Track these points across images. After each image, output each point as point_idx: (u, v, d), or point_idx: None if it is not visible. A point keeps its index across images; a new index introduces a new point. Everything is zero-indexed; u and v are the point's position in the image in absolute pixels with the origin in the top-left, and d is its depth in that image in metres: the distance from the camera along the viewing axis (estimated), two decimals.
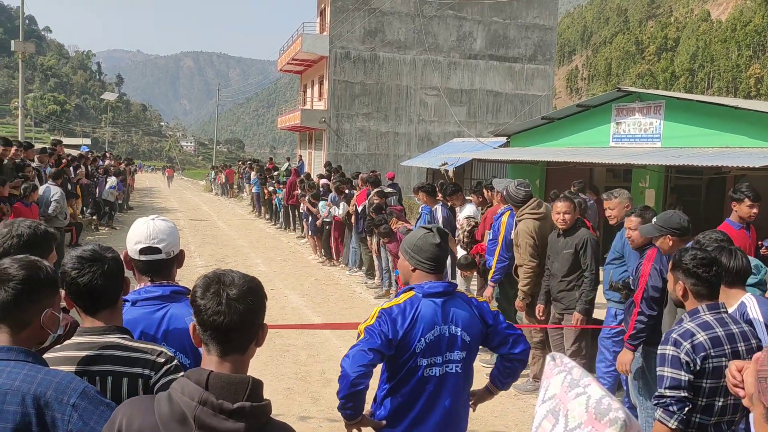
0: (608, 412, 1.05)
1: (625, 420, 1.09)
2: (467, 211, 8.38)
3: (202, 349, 1.66)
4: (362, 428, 2.80)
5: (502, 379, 2.94)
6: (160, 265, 2.42)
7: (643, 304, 4.16)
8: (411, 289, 2.78)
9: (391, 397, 2.77)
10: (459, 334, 2.73)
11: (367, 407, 2.83)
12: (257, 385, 1.56)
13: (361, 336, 2.68)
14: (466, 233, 7.91)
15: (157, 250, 2.39)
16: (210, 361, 1.61)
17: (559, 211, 5.49)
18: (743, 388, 2.04)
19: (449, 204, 8.93)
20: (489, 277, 6.55)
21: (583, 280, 5.40)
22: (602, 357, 5.17)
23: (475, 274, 7.83)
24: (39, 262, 1.90)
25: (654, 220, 4.17)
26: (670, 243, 4.03)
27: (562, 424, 1.10)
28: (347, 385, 2.61)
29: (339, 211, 12.13)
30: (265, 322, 1.69)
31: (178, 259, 2.49)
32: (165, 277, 2.43)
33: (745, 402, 2.02)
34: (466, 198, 8.93)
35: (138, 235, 2.41)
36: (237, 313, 1.58)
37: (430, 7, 29.11)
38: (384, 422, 2.75)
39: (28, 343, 1.86)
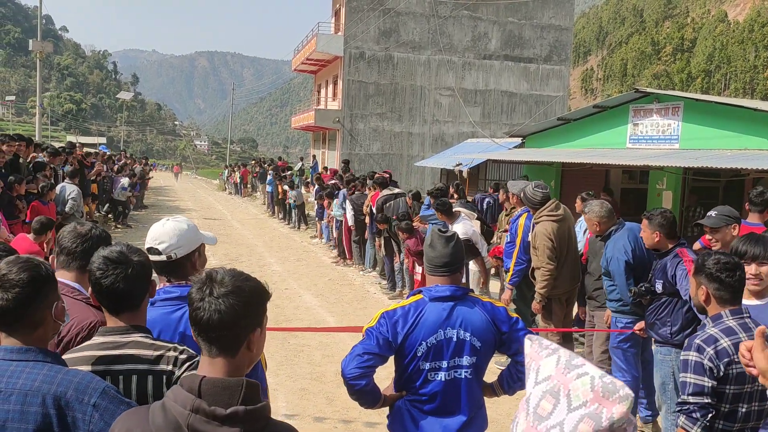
0: (617, 390, 1.08)
1: (633, 397, 1.12)
2: (461, 229, 7.36)
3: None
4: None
5: (510, 382, 2.88)
6: (168, 266, 2.43)
7: None
8: (419, 291, 2.78)
9: (402, 399, 2.78)
10: (468, 339, 2.69)
11: (388, 382, 2.87)
12: (252, 387, 1.52)
13: (363, 337, 2.71)
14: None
15: (158, 252, 2.41)
16: (203, 362, 1.59)
17: None
18: (755, 367, 2.02)
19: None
20: (507, 280, 6.51)
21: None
22: (616, 367, 5.12)
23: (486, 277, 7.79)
24: (35, 260, 1.89)
25: (714, 213, 4.33)
26: (735, 232, 4.22)
27: (564, 403, 1.11)
28: (346, 385, 2.69)
29: (348, 212, 12.17)
30: (261, 327, 1.63)
31: (192, 261, 2.47)
32: (182, 277, 2.43)
33: (760, 380, 2.00)
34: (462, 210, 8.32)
35: (148, 235, 2.47)
36: (218, 311, 1.54)
37: (445, 7, 29.06)
38: (404, 392, 2.76)
39: (45, 339, 1.87)
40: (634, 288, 4.67)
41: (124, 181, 17.69)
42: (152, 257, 2.39)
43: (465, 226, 7.60)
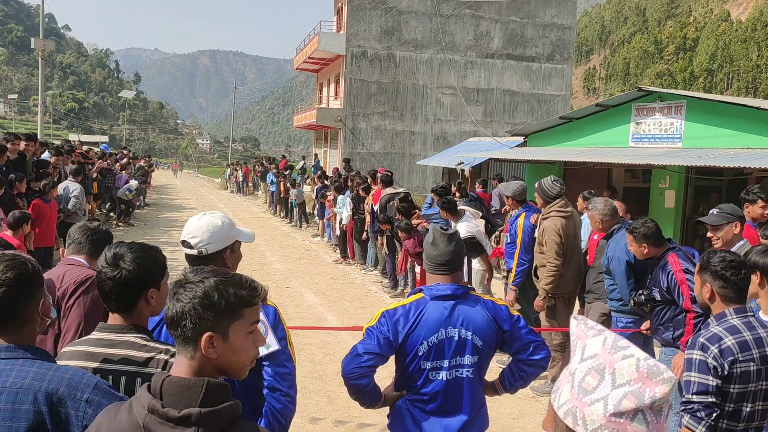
0: (661, 372, 1.19)
1: (675, 380, 1.25)
2: (465, 228, 7.42)
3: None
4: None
5: (512, 381, 2.84)
6: (198, 261, 2.43)
7: (696, 307, 4.18)
8: (420, 290, 2.76)
9: (402, 399, 2.76)
10: (470, 338, 2.66)
11: (389, 381, 2.86)
12: (214, 388, 1.47)
13: (363, 337, 2.70)
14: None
15: (189, 245, 2.42)
16: (175, 360, 1.58)
17: None
18: None
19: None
20: (510, 281, 6.49)
21: None
22: None
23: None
24: (21, 257, 1.87)
25: (716, 211, 4.34)
26: (736, 230, 4.23)
27: (609, 380, 1.21)
28: (346, 384, 2.68)
29: (346, 212, 12.19)
30: (223, 334, 1.53)
31: (223, 257, 2.46)
32: None
33: None
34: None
35: (184, 228, 2.48)
36: (170, 309, 1.54)
37: (447, 5, 29.03)
38: (404, 392, 2.75)
39: (33, 337, 1.86)
40: (635, 297, 4.64)
41: (133, 183, 17.71)
42: (185, 250, 2.43)
43: (469, 225, 7.59)
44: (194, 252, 2.42)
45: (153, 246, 2.21)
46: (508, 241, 6.67)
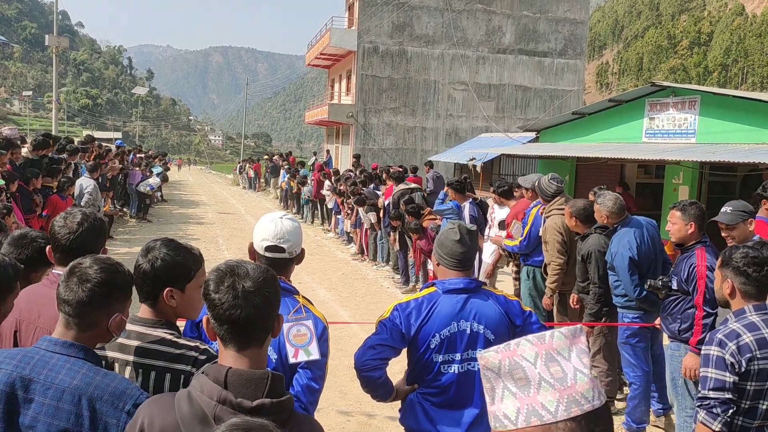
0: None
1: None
2: (505, 212, 7.73)
3: (217, 343, 1.63)
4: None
5: None
6: (284, 263, 2.47)
7: (707, 306, 4.14)
8: (433, 284, 2.78)
9: (414, 392, 2.78)
10: (482, 332, 2.68)
11: (401, 375, 2.87)
12: (277, 380, 1.52)
13: (376, 329, 2.72)
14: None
15: (282, 250, 2.43)
16: (227, 355, 1.57)
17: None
18: None
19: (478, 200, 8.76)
20: (505, 243, 6.63)
21: (589, 291, 5.29)
22: (626, 362, 5.07)
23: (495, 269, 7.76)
24: (119, 266, 1.92)
25: (729, 209, 4.25)
26: (751, 227, 4.19)
27: (565, 357, 1.19)
28: (359, 377, 2.71)
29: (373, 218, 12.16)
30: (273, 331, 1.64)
31: (298, 257, 2.53)
32: (282, 273, 2.46)
33: None
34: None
35: (265, 232, 2.44)
36: (254, 305, 1.55)
37: (459, 1, 28.93)
38: (416, 385, 2.76)
39: (92, 342, 1.89)
40: (652, 281, 4.60)
41: (156, 180, 17.82)
42: (273, 254, 2.42)
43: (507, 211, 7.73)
44: (285, 255, 2.44)
45: (188, 248, 2.16)
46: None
